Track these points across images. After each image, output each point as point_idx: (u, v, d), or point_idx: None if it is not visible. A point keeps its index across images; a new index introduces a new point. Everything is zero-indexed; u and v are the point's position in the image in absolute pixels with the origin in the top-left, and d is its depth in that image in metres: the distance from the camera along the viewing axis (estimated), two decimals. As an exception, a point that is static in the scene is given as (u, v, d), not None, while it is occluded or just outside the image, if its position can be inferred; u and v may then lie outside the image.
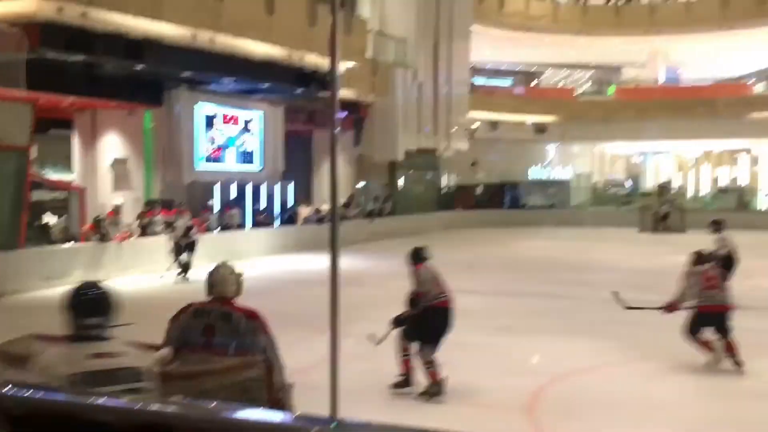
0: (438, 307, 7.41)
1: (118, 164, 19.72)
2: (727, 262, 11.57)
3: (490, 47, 35.56)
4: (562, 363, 8.74)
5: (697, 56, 38.43)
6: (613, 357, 9.08)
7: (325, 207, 24.02)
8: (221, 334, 4.33)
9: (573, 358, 9.00)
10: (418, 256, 7.69)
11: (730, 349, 8.23)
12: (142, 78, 17.27)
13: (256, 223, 20.57)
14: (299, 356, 8.64)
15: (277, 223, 21.35)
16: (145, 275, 15.23)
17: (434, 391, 7.28)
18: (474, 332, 10.69)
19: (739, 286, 15.25)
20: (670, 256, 21.33)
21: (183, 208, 17.73)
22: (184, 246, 15.29)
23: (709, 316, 8.32)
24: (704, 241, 26.14)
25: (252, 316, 4.42)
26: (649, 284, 12.57)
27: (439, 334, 7.32)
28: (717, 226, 12.49)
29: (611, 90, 38.34)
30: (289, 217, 21.96)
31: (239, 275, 4.65)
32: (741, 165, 38.86)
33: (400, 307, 7.58)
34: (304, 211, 23.82)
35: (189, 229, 15.58)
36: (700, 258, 8.64)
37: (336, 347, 4.58)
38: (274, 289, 13.69)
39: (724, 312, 8.30)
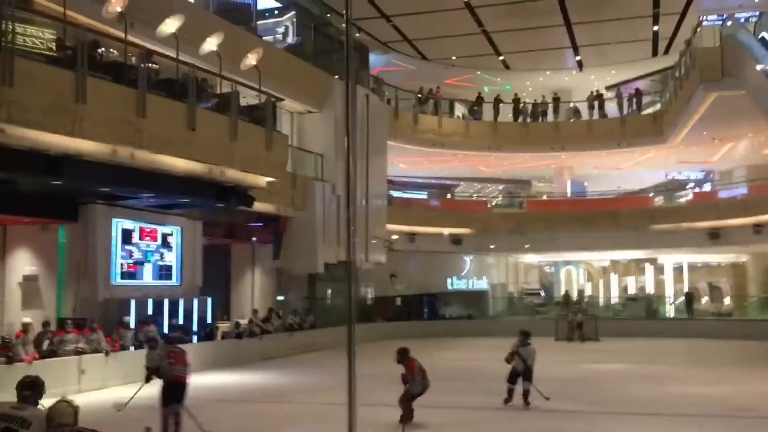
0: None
1: (28, 281, 19.06)
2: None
3: (406, 161, 36.72)
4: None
5: (600, 171, 40.63)
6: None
7: (244, 321, 23.68)
8: None
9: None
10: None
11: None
12: (58, 193, 17.00)
13: (173, 340, 19.97)
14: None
15: (194, 339, 20.81)
16: (53, 398, 14.49)
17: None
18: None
19: (651, 393, 15.73)
20: (587, 364, 21.89)
21: (96, 326, 17.19)
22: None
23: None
24: (617, 347, 26.88)
25: None
26: (573, 392, 12.79)
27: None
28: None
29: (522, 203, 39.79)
30: (207, 333, 21.47)
31: (76, 408, 5.23)
32: (647, 274, 40.50)
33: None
34: (223, 326, 23.38)
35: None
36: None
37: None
38: (192, 409, 13.22)
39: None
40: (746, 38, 25.34)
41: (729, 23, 27.33)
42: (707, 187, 39.72)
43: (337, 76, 27.62)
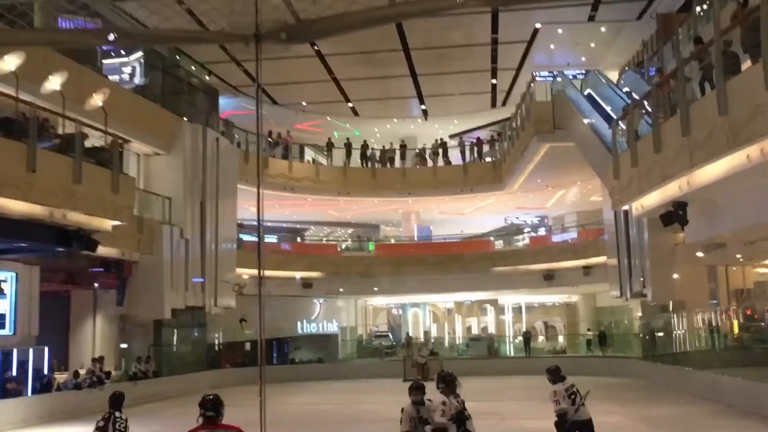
0: None
1: None
2: None
3: (256, 205, 36.55)
4: None
5: (445, 216, 42.29)
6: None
7: (83, 371, 22.56)
8: None
9: None
10: None
11: None
12: None
13: (6, 393, 18.76)
14: None
15: (29, 391, 19.61)
16: None
17: None
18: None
19: (494, 428, 16.48)
20: (433, 403, 22.49)
21: None
22: None
23: None
24: (468, 386, 27.65)
25: None
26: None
27: None
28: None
29: (371, 246, 40.63)
30: (43, 385, 20.29)
31: None
32: (489, 315, 42.30)
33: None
34: (61, 377, 22.18)
35: None
36: None
37: None
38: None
39: None
40: (574, 94, 27.51)
41: (559, 80, 29.63)
42: (542, 232, 42.26)
43: (185, 118, 27.33)
